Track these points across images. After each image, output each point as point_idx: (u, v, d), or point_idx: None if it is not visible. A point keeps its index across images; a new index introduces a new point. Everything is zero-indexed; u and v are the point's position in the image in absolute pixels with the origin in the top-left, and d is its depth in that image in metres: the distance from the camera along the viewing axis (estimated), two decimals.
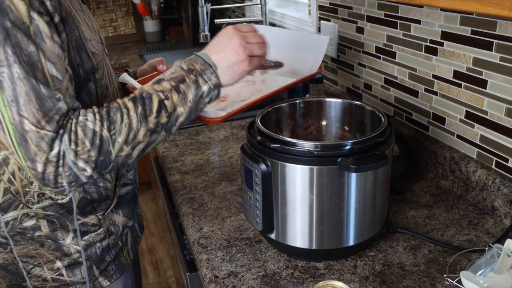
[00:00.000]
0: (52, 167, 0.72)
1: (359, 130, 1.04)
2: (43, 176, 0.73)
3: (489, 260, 0.78)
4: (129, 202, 1.05)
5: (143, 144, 0.78)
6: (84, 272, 0.97)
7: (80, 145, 0.73)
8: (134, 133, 0.76)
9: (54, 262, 0.95)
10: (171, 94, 0.79)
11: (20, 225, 0.91)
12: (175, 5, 3.35)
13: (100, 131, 0.74)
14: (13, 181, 0.88)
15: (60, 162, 0.72)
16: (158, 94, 0.78)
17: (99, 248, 0.97)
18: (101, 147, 0.74)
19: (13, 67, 0.69)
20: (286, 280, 0.87)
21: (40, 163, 0.72)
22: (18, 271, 0.95)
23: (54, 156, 0.72)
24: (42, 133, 0.71)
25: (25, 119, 0.70)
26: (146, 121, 0.77)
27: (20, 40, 0.69)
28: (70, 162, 0.73)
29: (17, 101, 0.70)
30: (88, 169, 0.75)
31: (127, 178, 1.03)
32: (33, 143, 0.71)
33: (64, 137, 0.72)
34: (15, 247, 0.93)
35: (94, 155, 0.74)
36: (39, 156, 0.71)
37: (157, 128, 0.78)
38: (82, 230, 0.94)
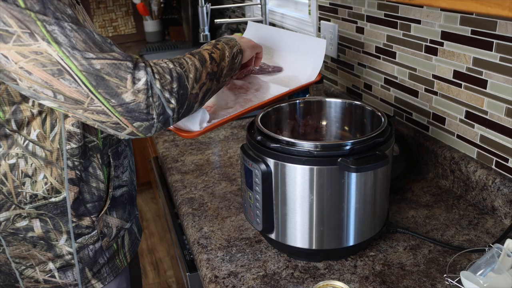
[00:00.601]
0: (143, 95, 0.74)
1: (359, 130, 1.04)
2: (135, 107, 0.74)
3: (489, 260, 0.78)
4: (124, 204, 1.03)
5: (206, 86, 0.86)
6: (77, 275, 0.96)
7: (163, 78, 0.77)
8: (200, 72, 0.84)
9: (46, 264, 0.94)
10: (214, 50, 0.92)
11: (13, 225, 0.90)
12: (175, 5, 3.35)
13: (175, 68, 0.80)
14: (5, 182, 0.87)
15: (149, 92, 0.74)
16: (205, 50, 0.91)
17: (91, 251, 0.97)
18: (180, 80, 0.79)
19: (62, 22, 0.71)
20: (286, 280, 0.87)
21: (127, 93, 0.73)
22: (11, 272, 0.95)
23: (143, 84, 0.74)
24: (117, 63, 0.73)
25: (92, 59, 0.71)
26: (205, 65, 0.87)
27: (57, 5, 0.72)
28: (158, 91, 0.75)
29: (78, 49, 0.71)
30: (173, 101, 0.78)
31: (121, 179, 1.02)
32: (111, 76, 0.72)
33: (148, 69, 0.75)
34: (7, 248, 0.92)
35: (175, 87, 0.78)
36: (123, 86, 0.73)
37: (212, 74, 0.88)
38: (76, 233, 0.93)
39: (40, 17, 0.69)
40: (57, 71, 0.71)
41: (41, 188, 0.88)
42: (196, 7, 2.13)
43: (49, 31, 0.70)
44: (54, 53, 0.70)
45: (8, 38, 0.69)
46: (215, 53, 0.91)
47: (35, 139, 0.86)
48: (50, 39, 0.70)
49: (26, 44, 0.69)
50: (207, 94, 0.88)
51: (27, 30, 0.69)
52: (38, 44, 0.70)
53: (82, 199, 0.93)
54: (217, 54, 0.92)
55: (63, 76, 0.71)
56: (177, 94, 0.79)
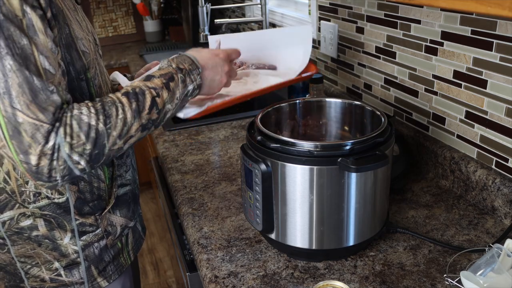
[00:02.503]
0: (46, 159, 0.72)
1: (359, 130, 1.04)
2: (37, 170, 0.72)
3: (489, 260, 0.78)
4: (128, 202, 1.04)
5: (134, 139, 0.82)
6: (83, 273, 0.96)
7: (75, 138, 0.73)
8: (128, 127, 0.79)
9: (52, 263, 0.94)
10: (162, 92, 0.84)
11: (17, 224, 0.90)
12: (175, 5, 3.35)
13: (96, 125, 0.75)
14: (9, 181, 0.87)
15: (54, 155, 0.72)
16: (150, 91, 0.83)
17: (97, 248, 0.97)
18: (96, 141, 0.75)
19: (5, 59, 0.69)
20: (286, 280, 0.87)
21: (35, 155, 0.71)
22: (16, 272, 0.95)
23: (49, 148, 0.71)
24: (38, 124, 0.71)
25: (18, 111, 0.70)
26: (139, 116, 0.81)
27: (13, 33, 0.69)
28: (65, 155, 0.73)
29: (10, 93, 0.69)
30: (82, 162, 0.75)
31: (125, 178, 1.02)
32: (27, 135, 0.71)
33: (60, 130, 0.72)
34: (12, 247, 0.92)
35: (89, 148, 0.75)
36: (34, 148, 0.71)
37: (148, 124, 0.83)
38: (80, 230, 0.94)
39: None
40: None
41: (44, 188, 0.89)
42: (196, 7, 2.13)
43: None
44: None
45: None
46: (160, 97, 0.84)
47: None
48: None
49: None
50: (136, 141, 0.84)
51: None
52: None
53: (84, 199, 0.93)
54: (162, 98, 0.84)
55: None
56: (89, 156, 0.76)
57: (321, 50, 1.73)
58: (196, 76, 0.91)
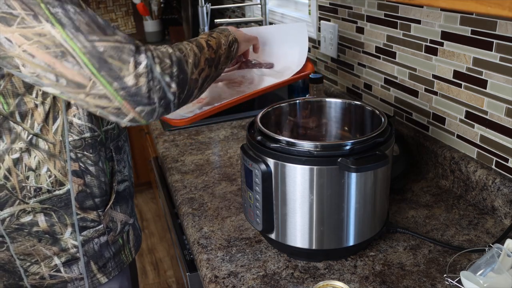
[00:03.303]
0: (144, 78, 0.73)
1: (359, 130, 1.04)
2: (136, 91, 0.73)
3: (489, 260, 0.78)
4: (127, 199, 1.05)
5: (205, 73, 0.87)
6: (82, 268, 0.97)
7: (163, 62, 0.76)
8: (198, 58, 0.85)
9: (51, 259, 0.94)
10: (210, 38, 0.94)
11: (17, 221, 0.90)
12: (175, 5, 3.35)
13: (174, 52, 0.80)
14: (9, 177, 0.88)
15: (149, 75, 0.74)
16: (201, 38, 0.93)
17: (97, 244, 0.97)
18: (179, 65, 0.79)
19: (65, 5, 0.71)
20: (286, 280, 0.87)
21: (129, 76, 0.72)
22: (15, 270, 0.95)
23: (144, 67, 0.73)
24: (120, 46, 0.72)
25: (95, 42, 0.71)
26: (202, 51, 0.88)
27: None
28: (158, 75, 0.75)
29: (81, 31, 0.71)
30: (173, 85, 0.78)
31: (123, 174, 1.03)
32: (114, 59, 0.71)
33: (148, 53, 0.75)
34: (11, 245, 0.92)
35: (175, 71, 0.78)
36: (125, 69, 0.72)
37: (210, 61, 0.90)
38: (81, 225, 0.94)
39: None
40: (60, 53, 0.70)
41: (45, 181, 0.89)
42: (196, 7, 2.13)
43: (53, 13, 0.70)
44: (58, 35, 0.70)
45: (12, 21, 0.69)
46: (211, 41, 0.93)
47: (38, 132, 0.86)
48: (54, 21, 0.70)
49: (29, 26, 0.69)
50: (206, 81, 0.89)
51: (31, 12, 0.69)
52: (41, 26, 0.69)
53: (90, 193, 0.94)
54: (213, 41, 0.94)
55: (66, 58, 0.71)
56: (177, 78, 0.78)
57: (321, 50, 1.73)
58: (228, 32, 1.02)
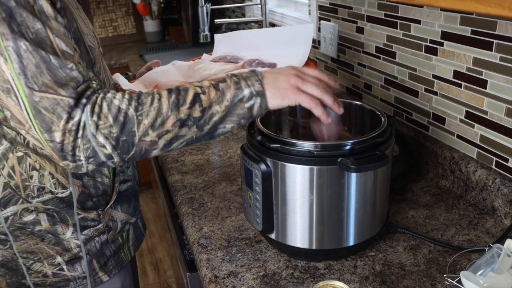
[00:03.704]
0: (71, 136, 0.71)
1: (359, 130, 1.03)
2: (61, 147, 0.72)
3: (489, 260, 0.78)
4: (129, 198, 1.05)
5: (171, 134, 0.75)
6: (85, 267, 0.97)
7: (103, 119, 0.72)
8: (163, 119, 0.73)
9: (54, 257, 0.95)
10: (208, 90, 0.77)
11: (20, 219, 0.91)
12: (175, 5, 3.35)
13: (126, 109, 0.72)
14: (13, 176, 0.88)
15: (79, 133, 0.71)
16: (195, 88, 0.77)
17: (98, 242, 0.98)
18: (124, 125, 0.72)
19: (20, 40, 0.69)
20: (286, 280, 0.87)
21: (58, 132, 0.71)
22: (18, 268, 0.95)
23: (74, 124, 0.71)
24: (58, 99, 0.71)
25: (34, 90, 0.70)
26: (177, 110, 0.74)
27: (26, 18, 0.69)
28: (90, 135, 0.71)
29: (25, 73, 0.70)
30: (108, 147, 0.73)
31: (126, 174, 1.04)
32: (48, 112, 0.70)
33: (87, 108, 0.72)
34: (14, 243, 0.93)
35: (115, 132, 0.72)
36: (56, 124, 0.71)
37: (188, 120, 0.75)
38: (82, 225, 0.95)
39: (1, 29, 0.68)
40: (6, 89, 0.71)
41: (48, 182, 0.90)
42: (196, 7, 2.13)
43: (5, 46, 0.69)
44: (8, 71, 0.70)
45: None
46: (206, 94, 0.76)
47: None
48: (6, 55, 0.69)
49: None
50: (177, 142, 0.76)
51: None
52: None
53: (88, 194, 0.94)
54: (208, 96, 0.76)
55: (10, 96, 0.71)
56: (115, 140, 0.73)
57: (321, 50, 1.73)
58: (254, 82, 0.78)
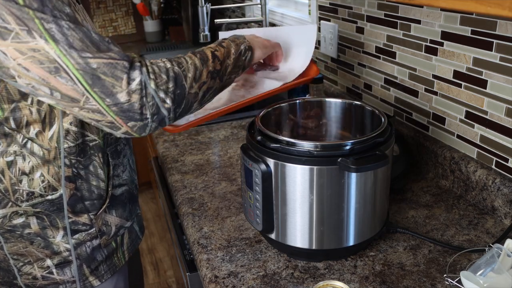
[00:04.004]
0: (137, 95, 0.74)
1: (359, 130, 1.04)
2: (128, 107, 0.74)
3: (489, 260, 0.78)
4: (124, 203, 1.04)
5: (206, 85, 0.86)
6: (74, 271, 0.96)
7: (158, 78, 0.77)
8: (200, 71, 0.85)
9: (44, 260, 0.94)
10: (218, 48, 0.93)
11: (10, 222, 0.91)
12: (175, 5, 3.35)
13: (172, 67, 0.80)
14: (2, 179, 0.88)
15: (143, 92, 0.75)
16: (208, 48, 0.92)
17: (89, 247, 0.97)
18: (177, 80, 0.80)
19: (59, 21, 0.71)
20: (286, 280, 0.87)
21: (122, 93, 0.73)
22: (9, 268, 0.95)
23: (137, 84, 0.74)
24: (114, 62, 0.73)
25: (88, 58, 0.72)
26: (206, 64, 0.87)
27: (55, 3, 0.72)
28: (152, 91, 0.76)
29: (74, 47, 0.72)
30: (168, 101, 0.78)
31: (121, 178, 1.02)
32: (107, 76, 0.72)
33: (143, 69, 0.75)
34: (5, 245, 0.93)
35: (171, 86, 0.78)
36: (118, 85, 0.73)
37: (214, 73, 0.88)
38: (73, 229, 0.94)
39: (38, 14, 0.70)
40: (54, 69, 0.72)
41: (38, 186, 0.89)
42: (196, 7, 2.13)
43: (47, 29, 0.70)
44: (51, 51, 0.71)
45: (6, 35, 0.70)
46: (218, 51, 0.91)
47: (34, 137, 0.86)
48: (48, 37, 0.70)
49: (24, 41, 0.70)
50: (208, 93, 0.88)
51: (25, 28, 0.69)
52: (35, 42, 0.70)
53: (80, 197, 0.93)
54: (220, 52, 0.92)
55: (59, 74, 0.72)
56: (173, 94, 0.79)
57: (321, 50, 1.73)
58: (243, 40, 0.99)
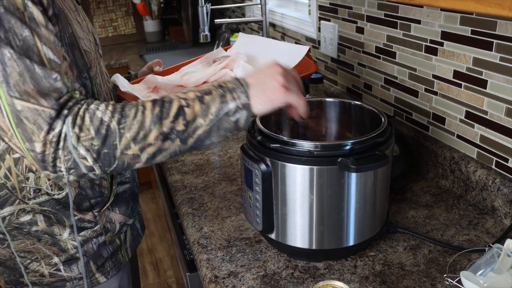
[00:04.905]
0: (51, 147, 0.71)
1: (359, 130, 1.04)
2: (42, 158, 0.72)
3: (489, 260, 0.78)
4: (127, 200, 1.05)
5: (153, 148, 0.75)
6: (81, 268, 0.97)
7: (84, 131, 0.72)
8: (145, 132, 0.73)
9: (51, 258, 0.95)
10: (193, 103, 0.76)
11: (17, 220, 0.91)
12: (175, 5, 3.35)
13: (109, 122, 0.72)
14: (9, 177, 0.88)
15: (60, 144, 0.71)
16: (179, 100, 0.76)
17: (95, 244, 0.98)
18: (106, 138, 0.72)
19: (5, 48, 0.69)
20: (286, 280, 0.87)
21: (39, 143, 0.71)
22: (16, 267, 0.95)
23: (54, 136, 0.71)
24: (40, 109, 0.71)
25: (15, 99, 0.70)
26: (160, 123, 0.74)
27: (14, 25, 0.69)
28: (71, 146, 0.71)
29: (7, 81, 0.69)
30: (89, 159, 0.73)
31: (124, 176, 1.03)
32: (29, 122, 0.71)
33: (68, 119, 0.72)
34: (12, 242, 0.93)
35: (97, 144, 0.72)
36: (37, 134, 0.71)
37: (171, 134, 0.75)
38: (79, 226, 0.95)
39: None
40: None
41: (45, 184, 0.89)
42: (196, 7, 2.13)
43: None
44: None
45: None
46: (190, 107, 0.76)
47: None
48: None
49: None
50: (160, 155, 0.76)
51: None
52: None
53: (85, 195, 0.94)
54: (193, 109, 0.76)
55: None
56: (97, 153, 0.72)
57: (321, 50, 1.73)
58: (239, 94, 0.77)
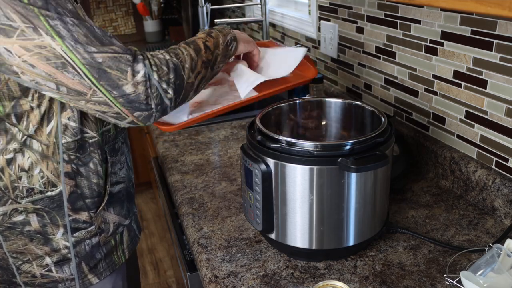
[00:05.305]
0: (142, 86, 0.77)
1: (359, 130, 1.04)
2: (135, 98, 0.78)
3: (489, 260, 0.78)
4: (122, 200, 1.04)
5: (201, 75, 0.90)
6: (73, 269, 0.97)
7: (160, 69, 0.80)
8: (195, 62, 0.88)
9: (43, 258, 0.95)
10: (207, 38, 0.95)
11: (10, 220, 0.91)
12: (175, 5, 3.35)
13: (171, 59, 0.83)
14: (2, 177, 0.88)
15: (147, 83, 0.78)
16: (199, 39, 0.94)
17: (88, 245, 0.98)
18: (176, 71, 0.83)
19: (64, 17, 0.74)
20: (286, 280, 0.87)
21: (128, 85, 0.77)
22: (9, 267, 0.95)
23: (142, 76, 0.77)
24: (118, 56, 0.76)
25: (94, 53, 0.75)
26: (199, 54, 0.90)
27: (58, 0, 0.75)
28: (156, 82, 0.79)
29: (80, 42, 0.74)
30: (170, 91, 0.82)
31: (119, 176, 1.03)
32: (112, 69, 0.75)
33: (146, 62, 0.79)
34: (4, 243, 0.93)
35: (172, 77, 0.82)
36: (124, 78, 0.76)
37: (206, 63, 0.92)
38: (73, 227, 0.94)
39: (43, 12, 0.72)
40: (60, 64, 0.74)
41: (37, 182, 0.89)
42: (196, 7, 2.13)
43: (52, 25, 0.72)
44: (58, 47, 0.73)
45: (11, 33, 0.72)
46: (209, 42, 0.94)
47: (33, 133, 0.87)
48: (54, 33, 0.73)
49: (29, 38, 0.72)
50: (202, 82, 0.92)
51: (31, 25, 0.72)
52: (42, 39, 0.72)
53: (81, 194, 0.94)
54: (211, 42, 0.94)
55: (66, 69, 0.74)
56: (174, 85, 0.83)
57: (321, 50, 1.73)
58: (229, 31, 1.02)
